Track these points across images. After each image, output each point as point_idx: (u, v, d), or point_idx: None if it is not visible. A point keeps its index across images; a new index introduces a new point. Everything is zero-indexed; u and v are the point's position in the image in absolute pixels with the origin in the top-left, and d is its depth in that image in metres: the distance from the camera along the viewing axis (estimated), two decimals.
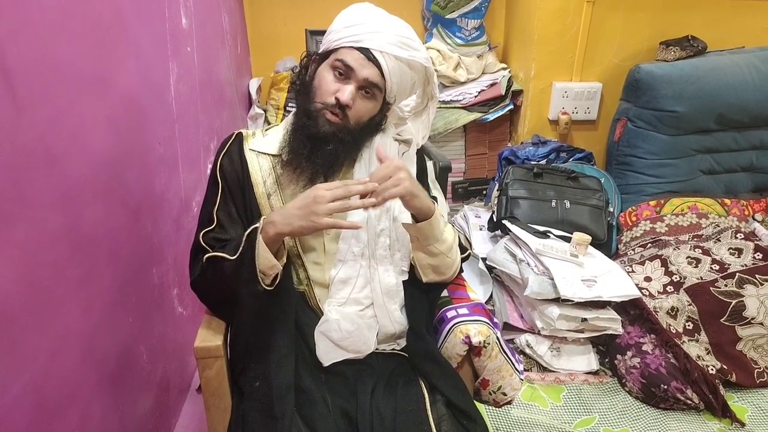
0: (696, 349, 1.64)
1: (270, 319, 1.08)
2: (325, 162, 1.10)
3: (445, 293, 1.30)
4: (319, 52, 1.14)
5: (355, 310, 1.14)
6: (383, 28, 1.07)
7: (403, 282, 1.18)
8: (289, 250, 1.13)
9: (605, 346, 1.75)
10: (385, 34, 1.06)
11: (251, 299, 1.05)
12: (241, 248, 1.03)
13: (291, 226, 1.01)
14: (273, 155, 1.18)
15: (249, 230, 1.04)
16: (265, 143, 1.20)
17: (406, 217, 1.16)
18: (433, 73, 1.19)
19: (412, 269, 1.18)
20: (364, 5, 1.14)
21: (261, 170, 1.17)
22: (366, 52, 1.06)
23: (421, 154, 1.32)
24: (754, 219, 2.17)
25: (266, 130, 1.25)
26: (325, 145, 1.09)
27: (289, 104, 2.53)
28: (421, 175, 1.29)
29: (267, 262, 1.02)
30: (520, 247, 1.84)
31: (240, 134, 1.21)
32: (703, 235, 2.03)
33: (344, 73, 1.07)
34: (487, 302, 1.92)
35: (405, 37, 1.09)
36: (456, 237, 1.20)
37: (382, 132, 1.21)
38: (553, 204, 2.08)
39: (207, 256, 1.08)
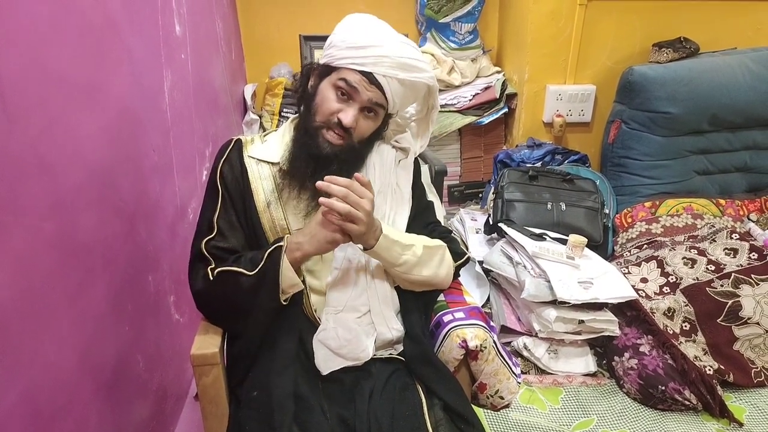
0: (693, 349, 1.64)
1: (276, 331, 1.08)
2: None
3: (441, 297, 1.30)
4: (321, 62, 1.13)
5: (353, 317, 1.13)
6: (388, 51, 1.06)
7: (399, 288, 1.18)
8: None
9: (603, 348, 1.75)
10: (389, 59, 1.06)
11: (265, 315, 1.06)
12: (261, 265, 1.04)
13: (305, 245, 1.04)
14: (273, 163, 1.17)
15: (271, 249, 1.05)
16: (264, 150, 1.19)
17: (402, 223, 1.17)
18: (436, 88, 1.20)
19: None
20: (367, 20, 1.12)
21: (261, 178, 1.16)
22: (369, 75, 1.05)
23: (416, 158, 1.32)
24: (749, 219, 2.18)
25: (264, 136, 1.24)
26: (329, 164, 1.08)
27: (284, 110, 2.53)
28: (416, 180, 1.29)
29: (290, 281, 1.03)
30: (516, 250, 1.84)
31: (239, 140, 1.20)
32: (698, 235, 2.03)
33: (347, 93, 1.07)
34: (484, 305, 1.92)
35: (410, 59, 1.08)
36: (437, 252, 1.18)
37: (381, 139, 1.22)
38: (549, 206, 2.08)
39: (220, 269, 1.08)
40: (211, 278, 1.08)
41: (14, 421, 0.83)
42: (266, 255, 1.04)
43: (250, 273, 1.04)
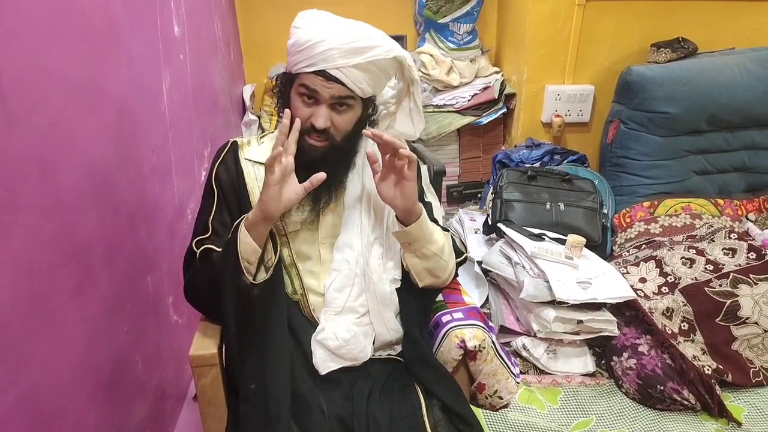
0: (692, 349, 1.64)
1: (263, 322, 1.08)
2: (324, 187, 1.10)
3: (440, 297, 1.30)
4: (285, 71, 1.13)
5: (352, 318, 1.14)
6: (334, 42, 1.03)
7: (397, 288, 1.18)
8: (285, 259, 1.13)
9: (601, 348, 1.75)
10: (336, 50, 1.03)
11: (237, 295, 1.04)
12: (227, 240, 1.06)
13: (260, 200, 1.02)
14: None
15: (236, 223, 1.06)
16: (260, 152, 1.19)
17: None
18: (404, 58, 1.15)
19: (405, 275, 1.18)
20: (308, 18, 1.10)
21: (257, 179, 1.16)
22: (323, 73, 1.04)
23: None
24: (747, 219, 2.18)
25: (261, 137, 1.24)
26: (317, 168, 1.06)
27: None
28: (415, 180, 1.29)
29: (247, 246, 1.02)
30: (515, 250, 1.84)
31: (235, 143, 1.21)
32: (696, 235, 2.03)
33: (311, 96, 1.07)
34: (483, 305, 1.92)
35: (358, 41, 1.05)
36: (448, 239, 1.20)
37: (374, 127, 1.21)
38: (548, 206, 2.09)
39: (200, 249, 1.10)
40: (196, 266, 1.11)
41: (14, 421, 0.83)
42: (232, 230, 1.06)
43: (220, 249, 1.08)
